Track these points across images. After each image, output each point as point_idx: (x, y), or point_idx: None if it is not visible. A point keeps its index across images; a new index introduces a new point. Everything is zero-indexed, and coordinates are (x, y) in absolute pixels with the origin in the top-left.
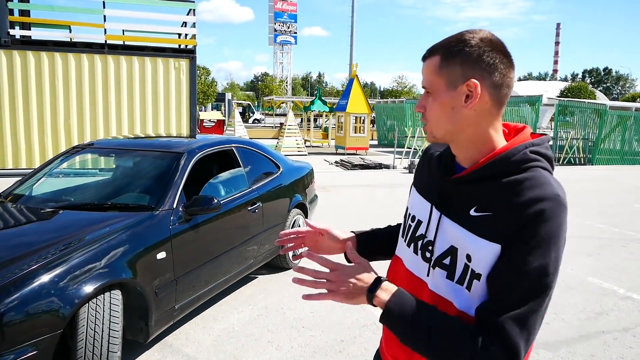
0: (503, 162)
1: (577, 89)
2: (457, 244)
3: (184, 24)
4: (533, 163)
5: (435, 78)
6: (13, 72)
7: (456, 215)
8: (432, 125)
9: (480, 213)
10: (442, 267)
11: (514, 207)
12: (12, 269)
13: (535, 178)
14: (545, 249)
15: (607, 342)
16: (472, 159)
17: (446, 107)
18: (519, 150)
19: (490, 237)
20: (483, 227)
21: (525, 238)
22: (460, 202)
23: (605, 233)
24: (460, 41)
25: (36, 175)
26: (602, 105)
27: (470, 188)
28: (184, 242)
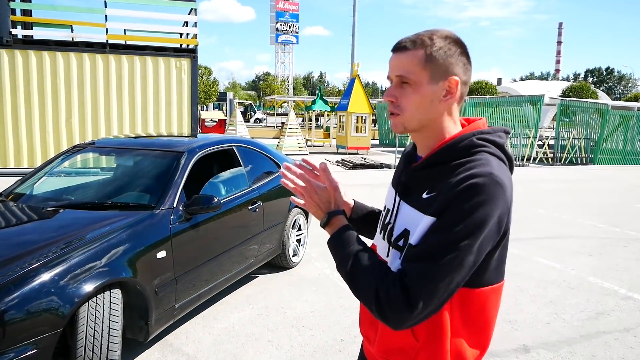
0: (451, 148)
1: (579, 88)
2: (410, 226)
3: (185, 23)
4: (479, 148)
5: (419, 71)
6: (15, 72)
7: (411, 199)
8: (406, 116)
9: (429, 195)
10: (397, 249)
11: (450, 184)
12: (13, 267)
13: (476, 160)
14: (467, 219)
15: (608, 342)
16: (429, 148)
17: (426, 99)
18: (466, 137)
19: (429, 211)
20: (428, 206)
21: (452, 207)
22: (416, 187)
23: (607, 233)
24: (445, 38)
25: (37, 174)
26: (604, 105)
27: (424, 174)
28: (184, 241)
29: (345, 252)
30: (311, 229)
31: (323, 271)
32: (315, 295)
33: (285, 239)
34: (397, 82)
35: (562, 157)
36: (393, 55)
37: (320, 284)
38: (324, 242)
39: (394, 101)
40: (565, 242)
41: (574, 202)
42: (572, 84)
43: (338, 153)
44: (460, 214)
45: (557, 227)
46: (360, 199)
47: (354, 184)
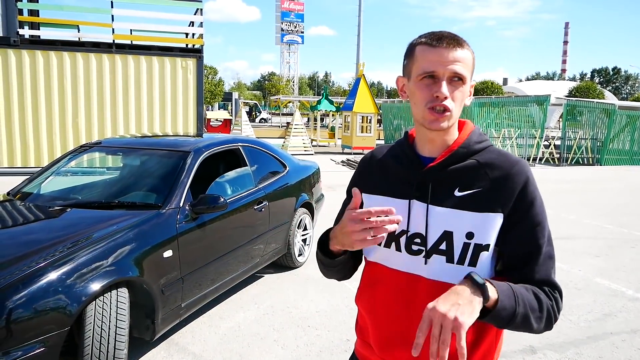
0: (471, 144)
1: (586, 88)
2: (451, 227)
3: (191, 23)
4: (488, 142)
5: (469, 69)
6: (22, 72)
7: (443, 200)
8: (454, 114)
9: (466, 192)
10: (439, 253)
11: (502, 178)
12: (21, 266)
13: (499, 152)
14: (540, 204)
15: (615, 343)
16: (441, 148)
17: (465, 95)
18: (477, 134)
19: (489, 209)
20: (475, 203)
21: (527, 202)
22: (442, 187)
23: (614, 234)
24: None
25: (44, 173)
26: (611, 104)
27: (447, 172)
28: (191, 241)
29: (520, 312)
30: (317, 228)
31: None
32: (320, 295)
33: (291, 239)
34: (449, 78)
35: (568, 158)
36: (442, 49)
37: (326, 284)
38: None
39: (448, 98)
40: (571, 243)
41: (581, 202)
42: (578, 84)
43: (343, 153)
44: (541, 206)
45: (564, 228)
46: None
47: None
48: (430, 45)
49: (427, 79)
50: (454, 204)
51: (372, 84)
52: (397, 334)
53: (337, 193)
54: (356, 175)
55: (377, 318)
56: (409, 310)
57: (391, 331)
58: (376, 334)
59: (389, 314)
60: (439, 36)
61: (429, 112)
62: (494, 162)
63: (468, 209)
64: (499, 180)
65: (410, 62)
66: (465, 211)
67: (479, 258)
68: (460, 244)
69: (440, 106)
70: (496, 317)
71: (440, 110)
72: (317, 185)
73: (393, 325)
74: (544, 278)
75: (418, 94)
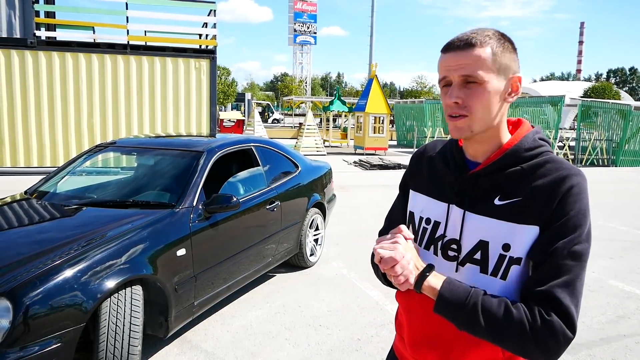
0: (520, 150)
1: (601, 89)
2: (487, 237)
3: (204, 24)
4: (543, 148)
5: (488, 67)
6: (38, 73)
7: (481, 208)
8: (475, 118)
9: (506, 201)
10: (473, 263)
11: (544, 188)
12: (37, 263)
13: (553, 160)
14: (582, 219)
15: (629, 346)
16: (487, 152)
17: (495, 97)
18: (530, 138)
19: (526, 220)
20: (514, 213)
21: (562, 213)
22: (482, 195)
23: (628, 235)
24: (503, 36)
25: (60, 173)
26: (627, 105)
27: (490, 180)
28: (204, 240)
29: (467, 307)
30: (328, 229)
31: (340, 271)
32: (332, 295)
33: (302, 239)
34: (460, 83)
35: (583, 159)
36: (450, 54)
37: (337, 284)
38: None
39: (460, 103)
40: None
41: (595, 204)
42: (593, 85)
43: (355, 154)
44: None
45: None
46: (377, 199)
47: (372, 185)
48: (443, 52)
49: (445, 87)
50: (492, 213)
51: (385, 84)
52: (427, 335)
53: (349, 193)
54: (408, 170)
55: (411, 317)
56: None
57: (422, 331)
58: (409, 332)
59: (422, 315)
60: (451, 41)
61: (448, 119)
62: (540, 169)
63: (506, 219)
64: (540, 189)
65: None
66: (503, 221)
67: (510, 271)
68: (496, 255)
69: (454, 112)
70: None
71: (455, 116)
72: (329, 185)
73: (424, 326)
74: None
75: (442, 103)
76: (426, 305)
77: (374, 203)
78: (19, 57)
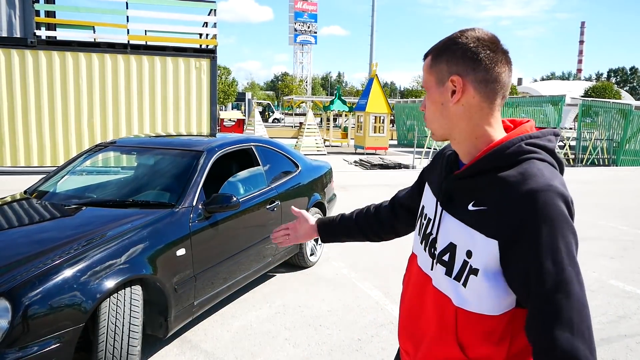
0: (497, 155)
1: (602, 88)
2: (456, 241)
3: (205, 24)
4: (528, 155)
5: (428, 76)
6: (39, 72)
7: (456, 210)
8: (429, 123)
9: (477, 207)
10: (442, 264)
11: (507, 202)
12: (37, 263)
13: (527, 170)
14: (552, 245)
15: (630, 346)
16: (469, 154)
17: (437, 103)
18: (514, 143)
19: (486, 232)
20: (479, 221)
21: (528, 237)
22: (460, 197)
23: (629, 235)
24: (448, 40)
25: (60, 172)
26: (628, 105)
27: (468, 183)
28: (203, 240)
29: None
30: None
31: (340, 270)
32: (332, 295)
33: None
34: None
35: (583, 158)
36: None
37: (338, 283)
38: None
39: (423, 110)
40: (586, 245)
41: (596, 203)
42: (594, 84)
43: (356, 153)
44: (543, 243)
45: (578, 230)
46: (378, 199)
47: (372, 185)
48: None
49: None
50: (463, 217)
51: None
52: (409, 325)
53: (350, 193)
54: (428, 164)
55: (402, 307)
56: (419, 307)
57: (406, 321)
58: (399, 321)
59: (408, 306)
60: None
61: None
62: (511, 179)
63: (472, 226)
64: (503, 202)
65: None
66: (469, 227)
67: (469, 280)
68: (461, 260)
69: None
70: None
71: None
72: (329, 185)
73: (408, 317)
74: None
75: None
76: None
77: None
78: (19, 57)
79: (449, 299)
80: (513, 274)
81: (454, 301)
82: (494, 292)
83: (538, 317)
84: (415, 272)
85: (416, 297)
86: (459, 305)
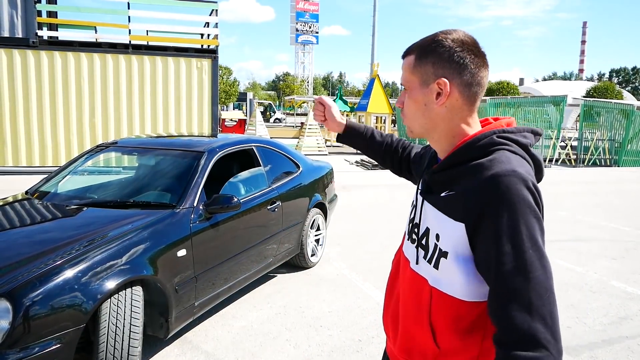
0: (469, 147)
1: (604, 88)
2: (430, 225)
3: (206, 24)
4: (499, 147)
5: (410, 76)
6: (40, 72)
7: (432, 198)
8: (408, 121)
9: (447, 193)
10: (421, 247)
11: (471, 186)
12: (38, 263)
13: (495, 159)
14: (513, 228)
15: (631, 347)
16: (446, 151)
17: (420, 103)
18: (486, 136)
19: (454, 215)
20: (447, 206)
21: (489, 220)
22: (437, 187)
23: (631, 236)
24: (433, 41)
25: (62, 172)
26: (629, 105)
27: (443, 176)
28: (204, 240)
29: None
30: (330, 229)
31: (341, 271)
32: (333, 295)
33: (304, 239)
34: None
35: (585, 159)
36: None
37: (339, 284)
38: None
39: (401, 107)
40: (587, 245)
41: (597, 204)
42: (596, 84)
43: (357, 153)
44: (503, 227)
45: (579, 230)
46: (379, 199)
47: (373, 185)
48: None
49: None
50: (436, 204)
51: (387, 84)
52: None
53: (351, 193)
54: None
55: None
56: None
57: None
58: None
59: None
60: None
61: None
62: (477, 167)
63: (440, 210)
64: (470, 187)
65: None
66: (438, 211)
67: (440, 263)
68: (432, 243)
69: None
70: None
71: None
72: (330, 185)
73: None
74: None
75: None
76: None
77: (375, 203)
78: (21, 57)
79: (426, 280)
80: (479, 257)
81: (429, 282)
82: (464, 277)
83: (497, 299)
84: (399, 256)
85: (398, 280)
86: (433, 286)
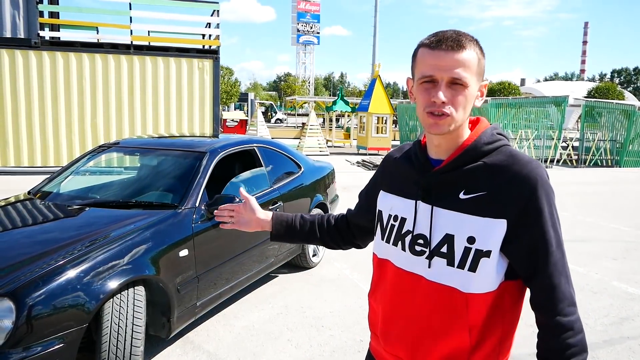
0: (480, 146)
1: (605, 89)
2: (453, 231)
3: (207, 24)
4: (501, 142)
5: (472, 72)
6: (42, 73)
7: (447, 202)
8: (456, 117)
9: (470, 195)
10: (440, 256)
11: (509, 183)
12: (40, 263)
13: (512, 154)
14: (550, 213)
15: (632, 348)
16: (449, 149)
17: (471, 100)
18: (488, 134)
19: (492, 214)
20: (479, 207)
21: (533, 208)
22: (447, 190)
23: (632, 236)
24: (476, 41)
25: (64, 173)
26: (631, 106)
27: (453, 175)
28: (206, 240)
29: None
30: None
31: (343, 271)
32: (334, 296)
33: None
34: (448, 82)
35: (586, 159)
36: (440, 53)
37: (340, 284)
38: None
39: (447, 102)
40: (588, 246)
41: (598, 204)
42: (597, 85)
43: (359, 154)
44: (545, 210)
45: (581, 230)
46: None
47: None
48: (429, 48)
49: (426, 83)
50: (457, 207)
51: (388, 84)
52: (397, 329)
53: (352, 194)
54: (379, 171)
55: (384, 313)
56: (408, 309)
57: (393, 326)
58: (382, 328)
59: (392, 310)
60: (440, 38)
61: (428, 115)
62: (501, 163)
63: (470, 213)
64: (504, 183)
65: (414, 64)
66: (468, 215)
67: (480, 264)
68: (461, 248)
69: (438, 111)
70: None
71: (438, 114)
72: (331, 186)
73: (395, 321)
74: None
75: (419, 98)
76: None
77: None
78: (22, 57)
79: (454, 289)
80: (520, 244)
81: (461, 289)
82: (498, 268)
83: (548, 276)
84: (394, 274)
85: (403, 300)
86: (469, 292)
